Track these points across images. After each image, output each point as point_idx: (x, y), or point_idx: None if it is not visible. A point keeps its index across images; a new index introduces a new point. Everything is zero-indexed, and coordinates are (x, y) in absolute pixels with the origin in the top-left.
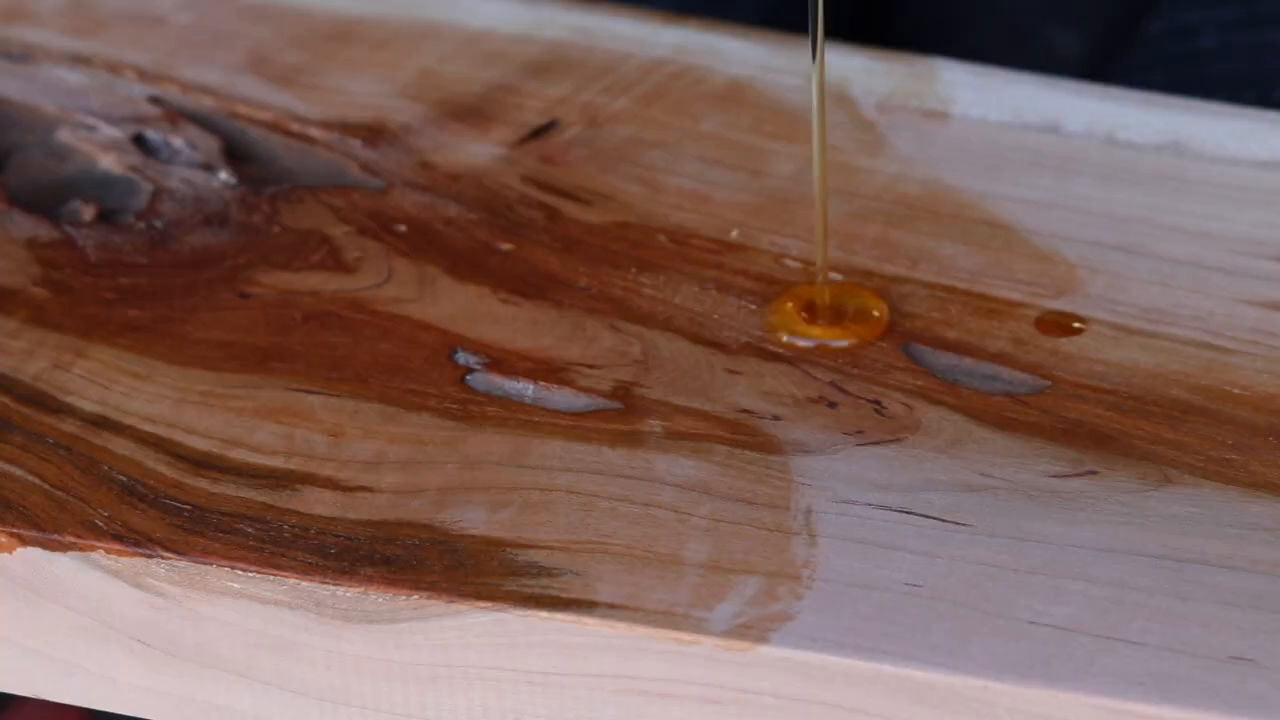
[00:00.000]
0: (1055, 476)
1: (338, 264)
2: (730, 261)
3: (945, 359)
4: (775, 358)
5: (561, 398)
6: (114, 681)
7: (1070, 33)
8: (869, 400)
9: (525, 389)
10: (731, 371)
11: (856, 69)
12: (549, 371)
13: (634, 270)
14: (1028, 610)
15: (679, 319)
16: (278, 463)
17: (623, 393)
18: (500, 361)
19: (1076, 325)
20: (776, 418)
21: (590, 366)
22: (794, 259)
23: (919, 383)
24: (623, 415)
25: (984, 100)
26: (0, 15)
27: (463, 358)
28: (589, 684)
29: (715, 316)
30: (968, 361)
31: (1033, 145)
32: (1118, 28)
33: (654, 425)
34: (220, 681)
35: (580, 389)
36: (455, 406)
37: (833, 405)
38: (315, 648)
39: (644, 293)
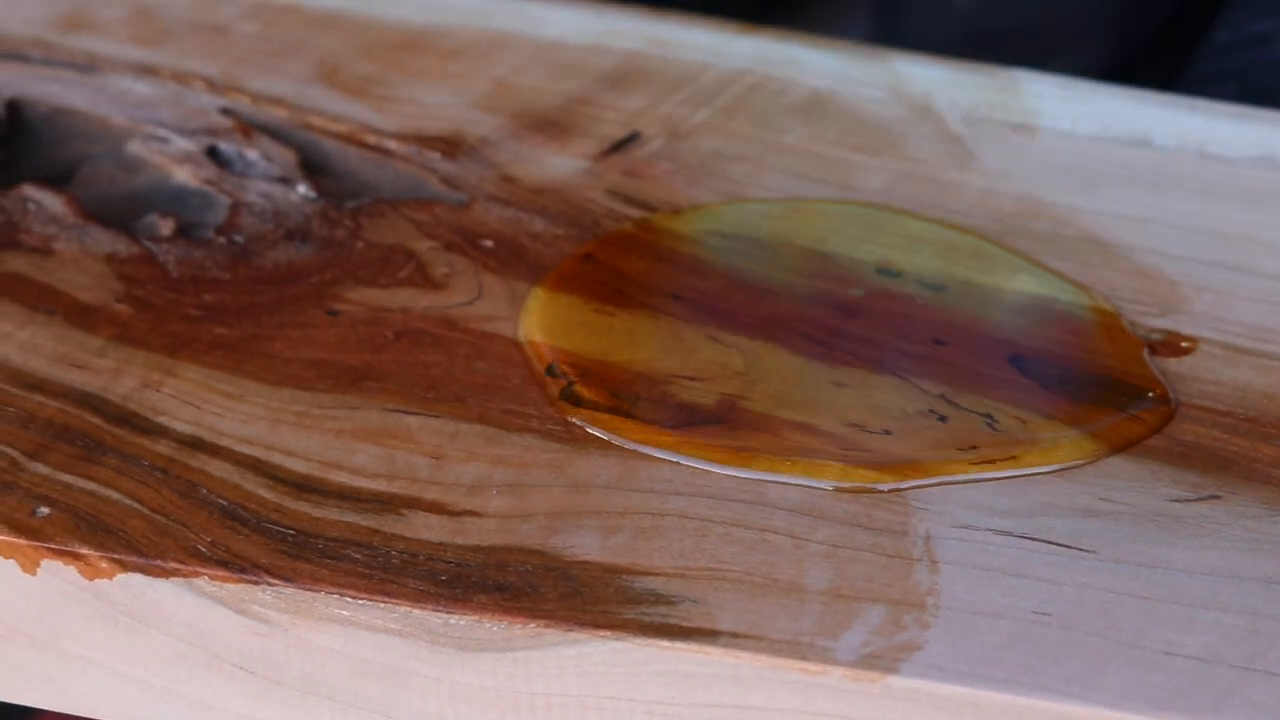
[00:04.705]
0: (1177, 501)
1: (426, 280)
2: (826, 270)
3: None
4: (881, 370)
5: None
6: (213, 710)
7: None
8: (980, 414)
9: None
10: (837, 384)
11: (938, 81)
12: (649, 384)
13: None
14: (1161, 640)
15: (779, 330)
16: (380, 486)
17: (727, 407)
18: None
19: (1184, 344)
20: (887, 432)
21: (691, 379)
22: (891, 268)
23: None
24: (728, 430)
25: (1071, 113)
26: (63, 25)
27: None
28: (710, 714)
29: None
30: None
31: (1124, 159)
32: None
33: (762, 442)
34: (324, 711)
35: (683, 403)
36: (558, 428)
37: (943, 419)
38: (425, 676)
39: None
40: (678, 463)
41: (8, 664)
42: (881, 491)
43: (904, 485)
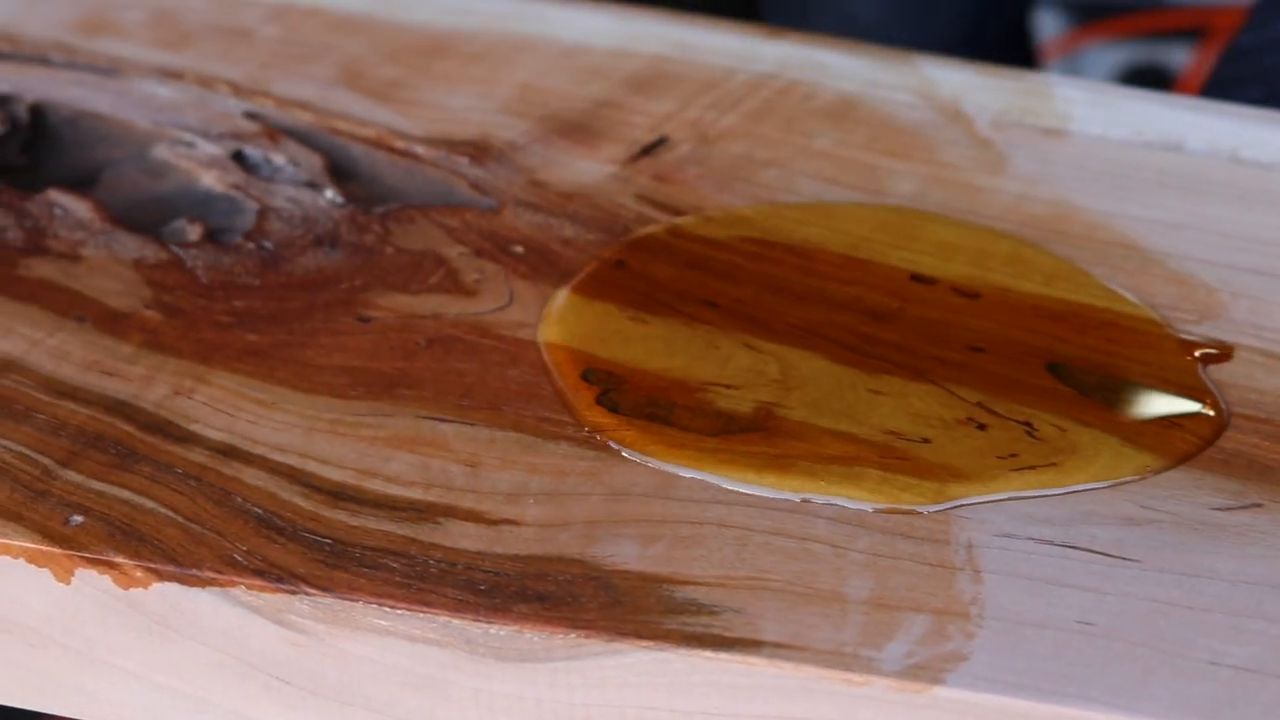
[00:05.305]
0: (1219, 509)
1: (457, 286)
2: (860, 277)
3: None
4: (918, 378)
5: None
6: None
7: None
8: (1019, 422)
9: None
10: (874, 392)
11: (966, 85)
12: (685, 392)
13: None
14: (1207, 650)
15: (814, 337)
16: (417, 494)
17: (764, 414)
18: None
19: (1223, 352)
20: (926, 440)
21: (727, 386)
22: (924, 275)
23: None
24: (767, 438)
25: (1101, 118)
26: (84, 28)
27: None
28: None
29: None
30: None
31: (1157, 164)
32: None
33: (800, 450)
34: None
35: (720, 410)
36: (594, 435)
37: (982, 427)
38: (464, 686)
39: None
40: (712, 483)
41: (42, 674)
42: (923, 514)
43: (941, 507)
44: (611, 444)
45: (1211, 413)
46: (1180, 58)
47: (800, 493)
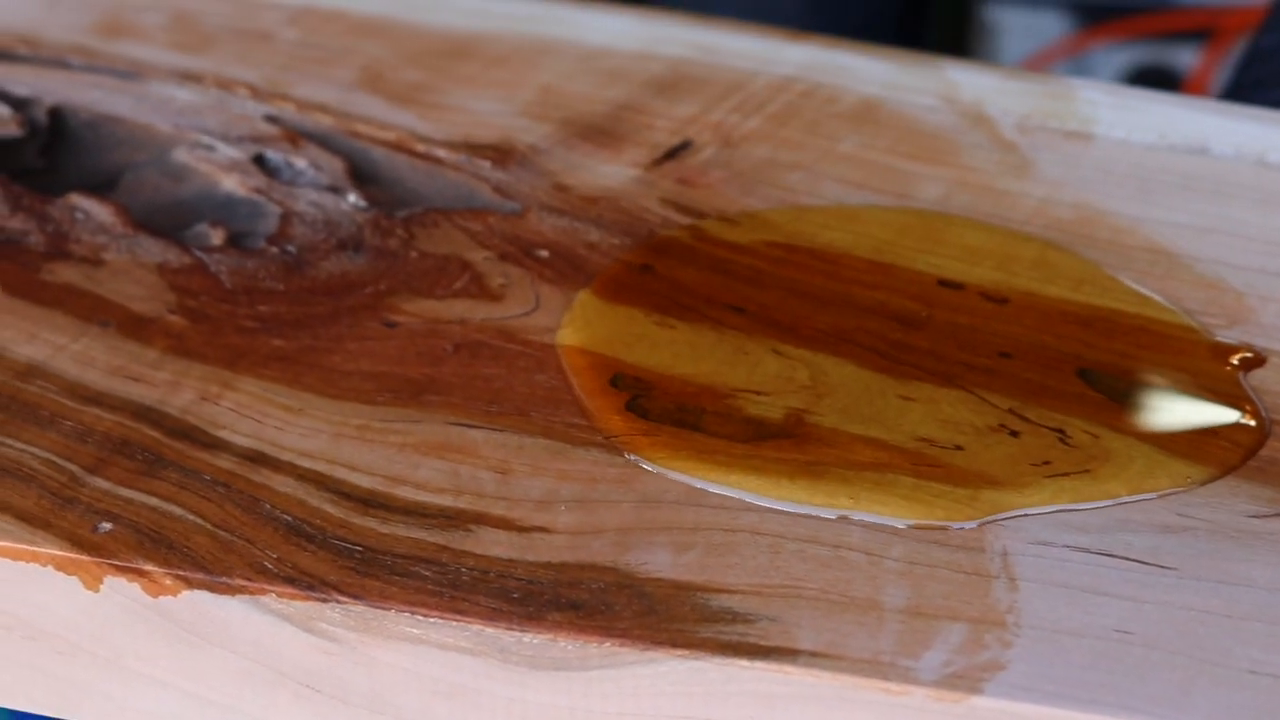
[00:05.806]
0: (1254, 517)
1: (482, 291)
2: (886, 282)
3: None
4: (948, 384)
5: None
6: None
7: None
8: (1052, 429)
9: None
10: (905, 398)
11: (990, 88)
12: (714, 398)
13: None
14: (1245, 659)
15: (842, 343)
16: (447, 501)
17: (795, 421)
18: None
19: (1253, 357)
20: (958, 448)
21: (757, 393)
22: (951, 280)
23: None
24: (798, 445)
25: (1126, 121)
26: (104, 31)
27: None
28: None
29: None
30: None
31: (1182, 168)
32: None
33: (832, 457)
34: None
35: (750, 417)
36: (624, 441)
37: (1015, 434)
38: (496, 695)
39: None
40: (739, 497)
41: (69, 681)
42: (962, 530)
43: (977, 522)
44: (630, 456)
45: (1252, 421)
46: (1187, 59)
47: (833, 498)
